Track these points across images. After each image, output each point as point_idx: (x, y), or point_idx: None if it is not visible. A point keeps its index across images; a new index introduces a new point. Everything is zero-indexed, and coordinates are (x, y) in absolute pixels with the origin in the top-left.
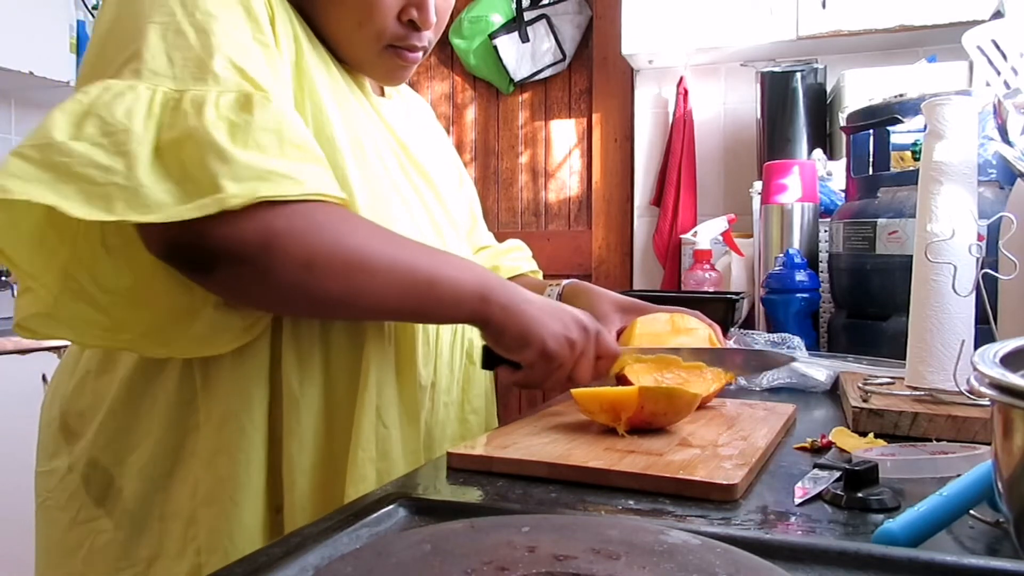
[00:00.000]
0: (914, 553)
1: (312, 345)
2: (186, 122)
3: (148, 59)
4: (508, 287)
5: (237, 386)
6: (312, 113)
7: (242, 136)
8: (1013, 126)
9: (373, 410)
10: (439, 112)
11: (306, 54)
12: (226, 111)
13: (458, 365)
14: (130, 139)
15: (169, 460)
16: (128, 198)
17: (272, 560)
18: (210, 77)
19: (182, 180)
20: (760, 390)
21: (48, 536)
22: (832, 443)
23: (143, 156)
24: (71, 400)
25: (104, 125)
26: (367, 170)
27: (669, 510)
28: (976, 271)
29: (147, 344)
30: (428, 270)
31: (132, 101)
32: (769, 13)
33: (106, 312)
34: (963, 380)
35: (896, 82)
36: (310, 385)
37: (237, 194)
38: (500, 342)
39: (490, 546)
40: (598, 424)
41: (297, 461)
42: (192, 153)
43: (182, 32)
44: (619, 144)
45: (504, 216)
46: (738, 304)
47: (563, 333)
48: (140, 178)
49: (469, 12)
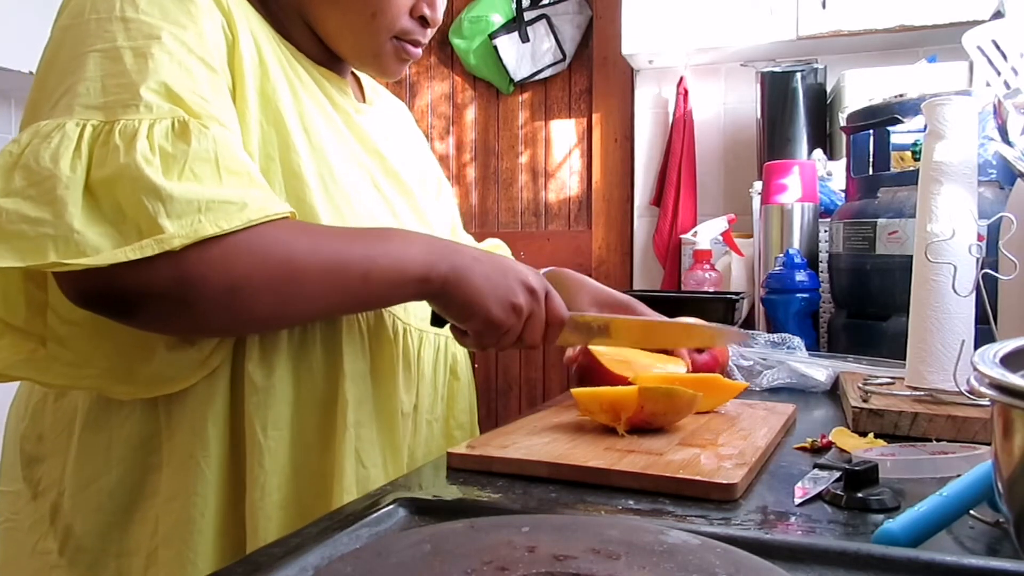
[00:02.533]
0: (914, 553)
1: (279, 387)
2: (116, 159)
3: (81, 92)
4: (451, 256)
5: (197, 425)
6: (279, 146)
7: (177, 168)
8: (1013, 126)
9: (352, 453)
10: (439, 112)
11: (272, 77)
12: (160, 140)
13: (441, 381)
14: (57, 185)
15: (129, 497)
16: (59, 246)
17: (272, 560)
18: (142, 105)
19: (117, 221)
20: (760, 390)
21: (9, 558)
22: (832, 443)
23: (72, 201)
24: (30, 422)
25: (30, 175)
26: (337, 197)
27: (669, 510)
28: (976, 271)
29: (111, 381)
30: (361, 263)
31: (58, 142)
32: (769, 13)
33: (68, 346)
34: (963, 380)
35: (896, 82)
36: (275, 429)
37: (176, 234)
38: (447, 313)
39: (490, 546)
40: (598, 424)
41: (259, 507)
42: (125, 191)
43: (119, 58)
44: (619, 144)
45: (504, 216)
46: (738, 304)
47: (508, 299)
48: (71, 224)
49: (469, 12)
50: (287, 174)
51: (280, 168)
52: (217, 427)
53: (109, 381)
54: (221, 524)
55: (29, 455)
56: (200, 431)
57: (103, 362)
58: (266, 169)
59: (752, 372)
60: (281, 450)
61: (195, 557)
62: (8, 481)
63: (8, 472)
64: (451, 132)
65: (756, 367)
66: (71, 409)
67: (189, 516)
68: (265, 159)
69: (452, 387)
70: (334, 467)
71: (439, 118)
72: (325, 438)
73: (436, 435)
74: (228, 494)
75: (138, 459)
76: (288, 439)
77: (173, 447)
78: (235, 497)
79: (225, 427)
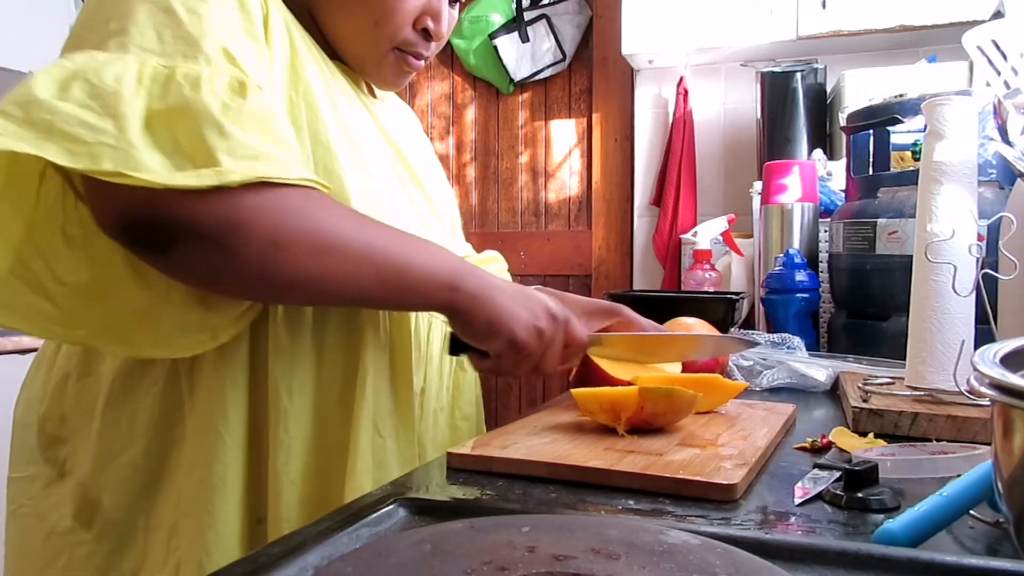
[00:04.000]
0: (914, 553)
1: (303, 353)
2: (181, 93)
3: (135, 35)
4: (478, 275)
5: (216, 393)
6: (307, 117)
7: (234, 116)
8: (1013, 126)
9: (370, 421)
10: (439, 112)
11: (301, 55)
12: (221, 91)
13: (447, 371)
14: (120, 102)
15: (155, 469)
16: (117, 157)
17: (272, 560)
18: (201, 56)
19: (174, 152)
20: (760, 390)
21: (22, 544)
22: (832, 443)
23: (134, 119)
24: (51, 404)
25: (92, 88)
26: (363, 172)
27: (669, 510)
28: (976, 271)
29: (105, 340)
30: (400, 256)
31: (121, 68)
32: (769, 13)
33: (59, 305)
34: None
35: (896, 82)
36: (300, 395)
37: (235, 170)
38: (468, 331)
39: (490, 546)
40: (598, 424)
41: (284, 472)
42: (187, 125)
43: (172, 11)
44: (619, 144)
45: (504, 216)
46: (738, 304)
47: (532, 323)
48: (132, 140)
49: (469, 12)
50: (316, 144)
51: (309, 138)
52: (237, 394)
53: (103, 340)
54: (242, 492)
55: (51, 436)
56: (219, 399)
57: (94, 324)
58: (296, 138)
59: (752, 372)
60: (305, 417)
61: (216, 524)
62: (21, 466)
63: (20, 457)
64: (451, 132)
65: (756, 367)
66: (95, 387)
67: (211, 484)
68: (295, 128)
69: (458, 377)
70: (352, 435)
71: (439, 118)
72: (345, 407)
73: (441, 424)
74: (249, 462)
75: (162, 430)
76: (311, 407)
77: (196, 417)
78: (256, 465)
79: (245, 394)
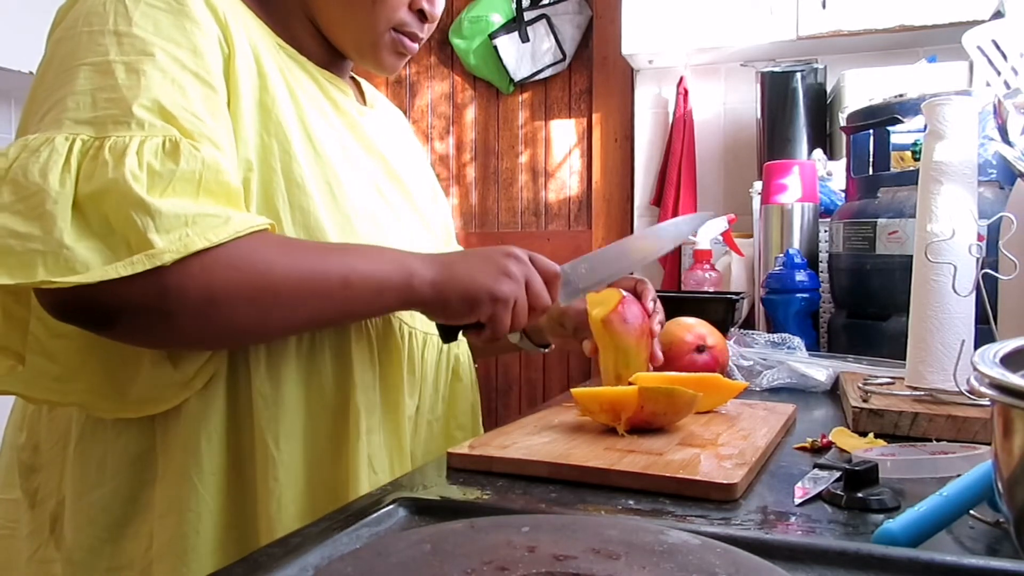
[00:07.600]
0: (914, 553)
1: (289, 401)
2: (105, 173)
3: (71, 106)
4: (428, 261)
5: (190, 442)
6: (280, 159)
7: (162, 186)
8: (1013, 126)
9: (365, 460)
10: (439, 112)
11: (272, 87)
12: (149, 157)
13: (443, 382)
14: (45, 200)
15: (122, 511)
16: (48, 262)
17: (272, 560)
18: (134, 121)
19: (106, 235)
20: (760, 390)
21: (6, 562)
22: (832, 443)
23: (61, 215)
24: (28, 432)
25: (18, 189)
26: (342, 204)
27: (669, 510)
28: (976, 271)
29: (97, 397)
30: (340, 268)
31: (47, 156)
32: (769, 13)
33: (57, 360)
34: (963, 380)
35: (896, 82)
36: (288, 443)
37: (167, 249)
38: (449, 313)
39: (490, 546)
40: (598, 424)
41: (277, 519)
42: (113, 206)
43: (111, 73)
44: (619, 144)
45: (504, 216)
46: (738, 304)
47: (499, 271)
48: (60, 239)
49: (469, 12)
50: (289, 184)
51: (282, 179)
52: (212, 444)
53: (95, 397)
54: (218, 541)
55: (26, 465)
56: (194, 449)
57: (90, 377)
58: (268, 180)
59: (752, 372)
60: (295, 461)
61: (189, 573)
62: (7, 489)
63: (6, 480)
64: (451, 132)
65: (756, 367)
66: (65, 421)
67: (183, 532)
68: (266, 170)
69: (454, 388)
70: (348, 474)
71: (439, 118)
72: (338, 446)
73: (436, 435)
74: (227, 511)
75: (133, 473)
76: (301, 450)
77: (168, 462)
78: (236, 514)
79: (222, 444)
